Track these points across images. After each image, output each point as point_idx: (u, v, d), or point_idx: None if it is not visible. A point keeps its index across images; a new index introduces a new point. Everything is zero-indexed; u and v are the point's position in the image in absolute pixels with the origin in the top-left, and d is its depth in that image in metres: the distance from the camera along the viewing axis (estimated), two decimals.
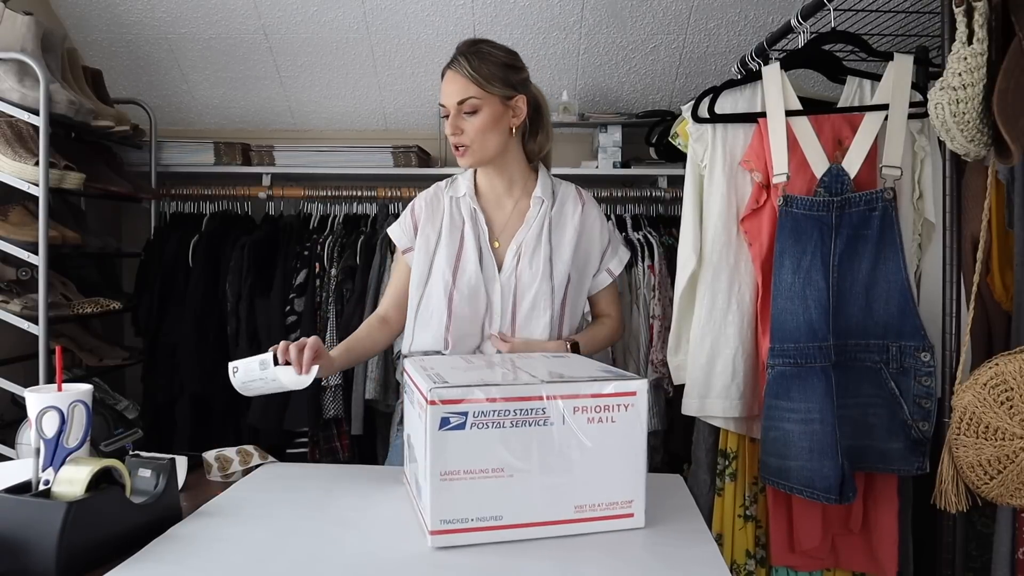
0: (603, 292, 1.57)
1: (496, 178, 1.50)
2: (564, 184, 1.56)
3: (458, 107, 1.40)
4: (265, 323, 2.47)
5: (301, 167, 2.73)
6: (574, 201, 1.53)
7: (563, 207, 1.51)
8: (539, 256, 1.45)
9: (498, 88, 1.41)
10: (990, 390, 1.30)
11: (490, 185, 1.51)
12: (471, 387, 0.95)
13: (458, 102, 1.39)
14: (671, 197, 2.66)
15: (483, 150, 1.43)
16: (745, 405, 1.71)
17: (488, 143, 1.43)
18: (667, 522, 1.05)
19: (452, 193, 1.53)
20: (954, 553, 1.47)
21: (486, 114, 1.41)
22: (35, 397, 1.04)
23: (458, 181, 1.54)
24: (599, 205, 1.57)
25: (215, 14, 2.60)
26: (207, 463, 1.29)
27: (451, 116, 1.41)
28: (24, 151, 2.06)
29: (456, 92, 1.40)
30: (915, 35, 1.92)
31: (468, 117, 1.40)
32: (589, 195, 1.57)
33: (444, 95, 1.42)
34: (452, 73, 1.41)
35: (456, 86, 1.40)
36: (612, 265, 1.56)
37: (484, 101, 1.40)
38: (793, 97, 1.68)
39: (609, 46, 2.70)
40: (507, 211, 1.50)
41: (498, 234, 1.49)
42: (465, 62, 1.40)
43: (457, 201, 1.51)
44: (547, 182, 1.52)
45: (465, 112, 1.40)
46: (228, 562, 0.92)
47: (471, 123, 1.40)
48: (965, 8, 1.30)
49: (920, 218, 1.69)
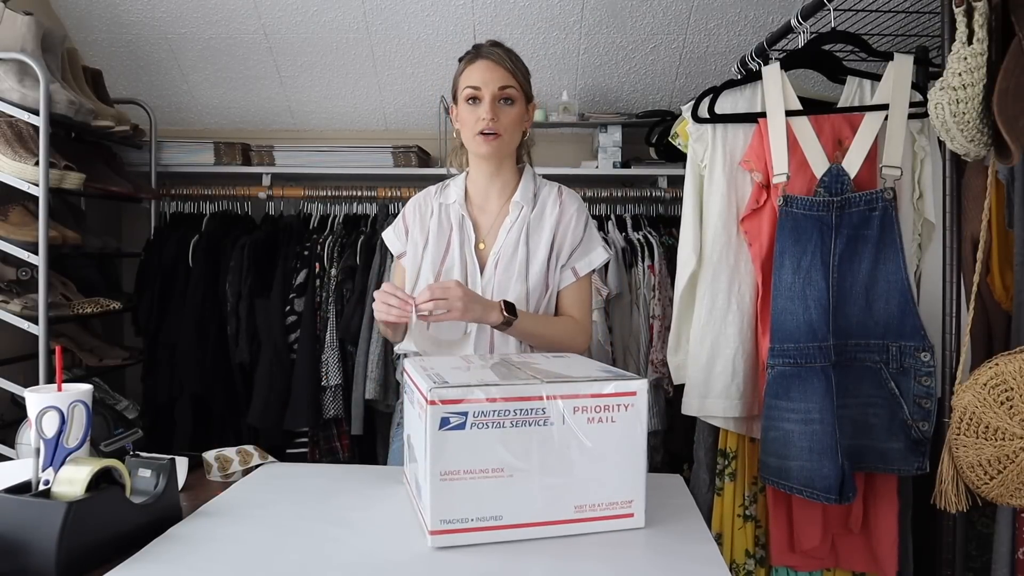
0: (566, 291, 1.49)
1: (493, 178, 1.50)
2: (547, 185, 1.54)
3: (499, 92, 1.41)
4: (265, 323, 2.47)
5: (301, 167, 2.73)
6: (554, 201, 1.51)
7: (543, 210, 1.50)
8: (516, 261, 1.45)
9: (527, 89, 1.47)
10: (990, 390, 1.30)
11: (482, 187, 1.52)
12: (471, 387, 0.95)
13: (500, 87, 1.41)
14: (671, 197, 2.66)
15: (511, 142, 1.46)
16: (745, 405, 1.71)
17: (514, 137, 1.46)
18: (667, 522, 1.05)
19: (443, 200, 1.53)
20: (954, 553, 1.47)
21: (519, 108, 1.45)
22: (35, 397, 1.04)
23: (450, 187, 1.55)
24: (585, 205, 1.54)
25: (215, 14, 2.60)
26: (207, 463, 1.29)
27: (489, 101, 1.41)
28: (24, 151, 2.06)
29: (499, 79, 1.42)
30: (915, 35, 1.92)
31: (505, 106, 1.42)
32: (571, 194, 1.54)
33: (483, 80, 1.42)
34: (490, 63, 1.42)
35: (498, 74, 1.42)
36: (579, 265, 1.48)
37: (519, 95, 1.44)
38: (793, 97, 1.68)
39: (609, 46, 2.70)
40: (493, 214, 1.51)
41: (484, 236, 1.50)
42: (504, 54, 1.43)
43: (447, 208, 1.52)
44: (529, 185, 1.51)
45: (503, 100, 1.42)
46: (228, 562, 0.92)
47: (507, 112, 1.43)
48: (965, 8, 1.30)
49: (920, 218, 1.69)
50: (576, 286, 1.49)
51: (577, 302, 1.49)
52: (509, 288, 1.44)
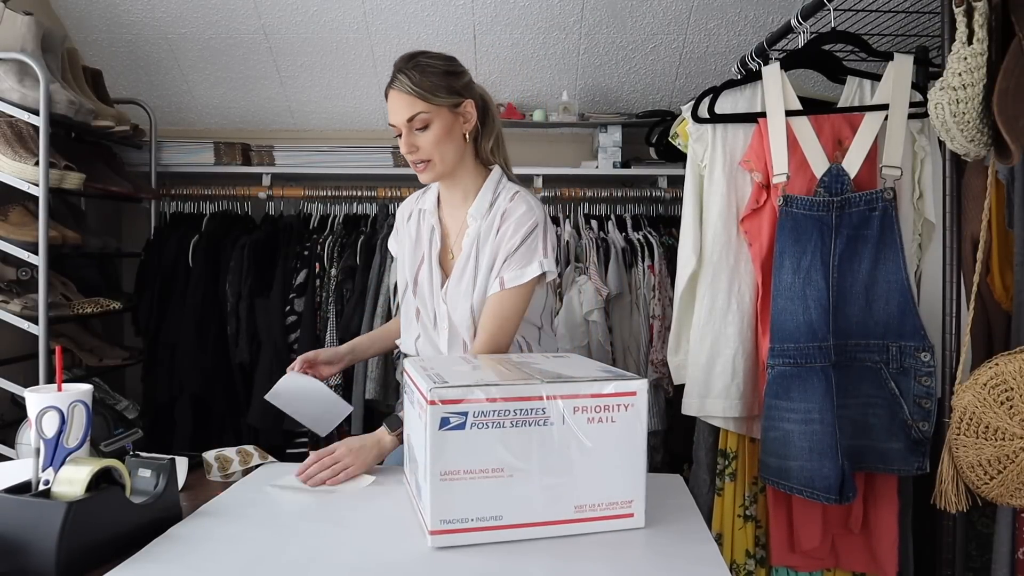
0: (488, 300, 1.39)
1: (453, 188, 1.48)
2: (506, 190, 1.45)
3: (408, 124, 1.37)
4: (265, 323, 2.47)
5: (301, 167, 2.73)
6: (503, 207, 1.43)
7: (493, 220, 1.43)
8: (465, 277, 1.43)
9: (444, 98, 1.37)
10: (990, 390, 1.30)
11: (448, 196, 1.51)
12: (471, 387, 0.95)
13: (407, 119, 1.36)
14: (671, 197, 2.66)
15: (443, 163, 1.40)
16: (745, 405, 1.71)
17: (447, 155, 1.40)
18: (667, 522, 1.05)
19: (421, 206, 1.54)
20: (954, 553, 1.47)
21: (438, 126, 1.37)
22: (35, 397, 1.04)
23: (428, 193, 1.55)
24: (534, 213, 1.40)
25: (215, 14, 2.60)
26: (207, 463, 1.29)
27: (404, 135, 1.38)
28: (24, 151, 2.06)
29: (403, 109, 1.36)
30: (915, 35, 1.92)
31: (420, 133, 1.38)
32: (520, 201, 1.42)
33: (392, 115, 1.39)
34: (395, 92, 1.37)
35: (401, 103, 1.36)
36: (507, 275, 1.38)
37: (433, 114, 1.37)
38: (793, 97, 1.68)
39: (609, 46, 2.70)
40: (459, 223, 1.48)
41: (449, 247, 1.49)
42: (405, 79, 1.36)
43: (424, 214, 1.52)
44: (487, 195, 1.44)
45: (416, 128, 1.37)
46: (228, 562, 0.92)
47: (425, 138, 1.38)
48: (965, 8, 1.30)
49: (920, 218, 1.69)
50: (498, 297, 1.37)
51: (492, 315, 1.37)
52: (458, 305, 1.42)
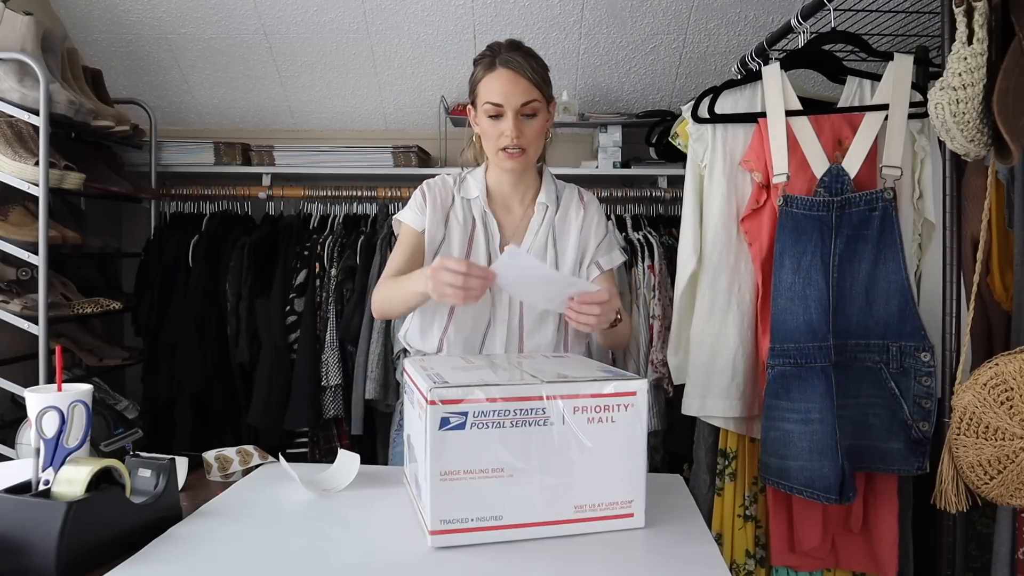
0: (597, 281, 1.46)
1: (518, 182, 1.47)
2: (568, 187, 1.53)
3: (521, 108, 1.35)
4: (265, 323, 2.47)
5: (301, 167, 2.73)
6: (577, 205, 1.50)
7: (567, 212, 1.49)
8: (545, 262, 1.43)
9: (549, 93, 1.41)
10: (990, 390, 1.30)
11: (503, 189, 1.48)
12: (471, 387, 0.95)
13: (522, 103, 1.35)
14: (671, 197, 2.66)
15: (536, 153, 1.43)
16: (745, 405, 1.71)
17: (539, 147, 1.43)
18: (667, 522, 1.05)
19: (464, 194, 1.47)
20: (954, 553, 1.47)
21: (542, 118, 1.40)
22: (35, 397, 1.04)
23: (468, 181, 1.49)
24: (600, 206, 1.54)
25: (215, 14, 2.60)
26: (207, 463, 1.29)
27: (512, 117, 1.35)
28: (24, 151, 2.06)
29: (521, 93, 1.35)
30: (915, 35, 1.92)
31: (527, 120, 1.37)
32: (591, 196, 1.54)
33: (504, 95, 1.35)
34: (514, 75, 1.35)
35: (520, 87, 1.35)
36: (602, 260, 1.48)
37: (541, 105, 1.38)
38: (793, 97, 1.68)
39: (609, 46, 2.70)
40: (516, 216, 1.48)
41: (509, 236, 1.47)
42: (527, 64, 1.36)
43: (469, 203, 1.47)
44: (551, 186, 1.50)
45: (524, 115, 1.37)
46: (228, 562, 0.92)
47: (531, 126, 1.38)
48: (965, 8, 1.30)
49: (920, 218, 1.69)
50: (603, 278, 1.47)
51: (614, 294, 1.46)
52: None
